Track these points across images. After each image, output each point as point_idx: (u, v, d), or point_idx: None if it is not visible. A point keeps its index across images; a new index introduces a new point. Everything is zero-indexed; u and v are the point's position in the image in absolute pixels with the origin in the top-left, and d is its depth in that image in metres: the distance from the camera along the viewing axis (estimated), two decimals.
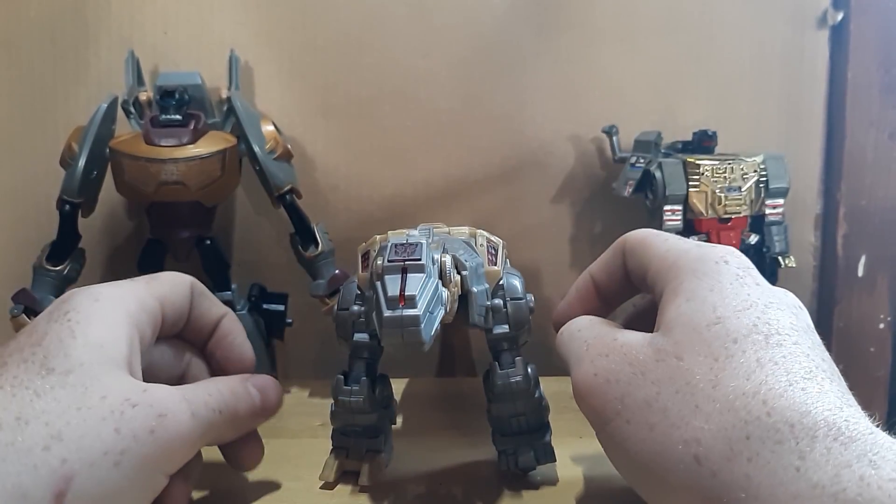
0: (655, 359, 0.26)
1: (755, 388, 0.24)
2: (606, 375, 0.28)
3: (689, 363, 0.25)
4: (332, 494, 0.35)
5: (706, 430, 0.24)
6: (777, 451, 0.22)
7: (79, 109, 0.49)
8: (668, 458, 0.25)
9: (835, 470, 0.21)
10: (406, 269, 0.28)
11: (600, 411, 0.28)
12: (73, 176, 0.43)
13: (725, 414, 0.24)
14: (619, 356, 0.28)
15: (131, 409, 0.26)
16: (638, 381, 0.26)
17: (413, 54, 0.52)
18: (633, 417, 0.26)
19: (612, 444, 0.28)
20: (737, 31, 0.53)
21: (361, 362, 0.35)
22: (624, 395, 0.27)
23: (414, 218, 0.50)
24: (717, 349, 0.25)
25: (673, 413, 0.25)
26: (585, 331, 0.31)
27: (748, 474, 0.23)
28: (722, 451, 0.23)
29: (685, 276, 0.28)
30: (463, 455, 0.38)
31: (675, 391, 0.25)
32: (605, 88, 0.53)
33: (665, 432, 0.25)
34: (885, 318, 0.53)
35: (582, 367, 0.29)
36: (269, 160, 0.45)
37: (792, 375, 0.24)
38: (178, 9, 0.51)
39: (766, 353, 0.25)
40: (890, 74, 0.52)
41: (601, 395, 0.28)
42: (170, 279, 0.33)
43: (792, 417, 0.23)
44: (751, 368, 0.24)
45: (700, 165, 0.46)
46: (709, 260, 0.29)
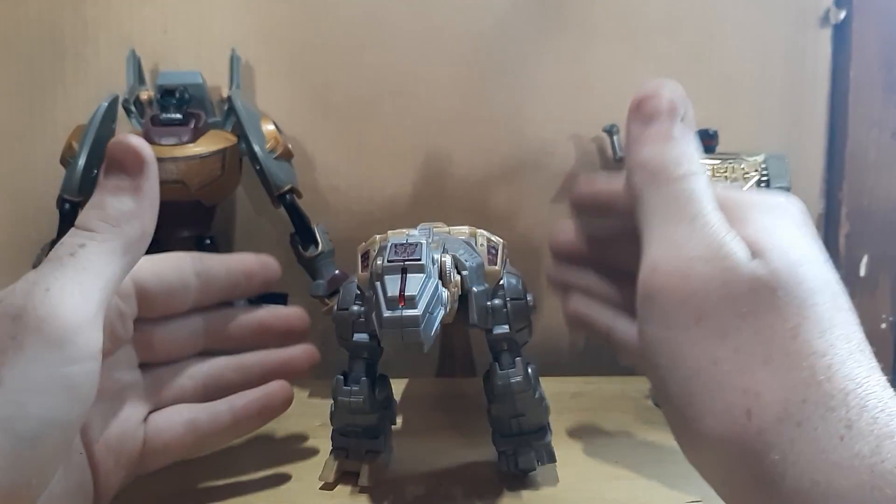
0: (750, 286, 0.23)
1: (825, 349, 0.22)
2: (696, 284, 0.24)
3: (781, 301, 0.23)
4: (331, 495, 0.35)
5: (769, 384, 0.22)
6: (827, 419, 0.22)
7: (79, 108, 0.49)
8: (717, 399, 0.23)
9: (877, 441, 0.21)
10: (406, 269, 0.28)
11: (667, 315, 0.24)
12: (74, 175, 0.43)
13: (792, 371, 0.22)
14: (718, 269, 0.24)
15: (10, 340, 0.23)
16: (724, 306, 0.23)
17: (414, 53, 0.52)
18: (700, 342, 0.23)
19: (658, 353, 0.24)
20: (738, 30, 0.52)
21: (361, 362, 0.35)
22: (703, 314, 0.23)
23: (414, 218, 0.50)
24: (805, 291, 0.23)
25: (744, 355, 0.23)
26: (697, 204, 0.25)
27: (793, 438, 0.22)
28: (776, 410, 0.22)
29: (752, 211, 0.25)
30: (463, 455, 0.38)
31: (755, 332, 0.23)
32: (605, 88, 0.52)
33: (727, 372, 0.23)
34: (888, 318, 0.53)
35: (674, 259, 0.24)
36: (269, 160, 0.45)
37: (851, 344, 0.23)
38: (179, 8, 0.51)
39: (836, 315, 0.23)
40: (892, 73, 0.52)
41: (678, 302, 0.24)
42: (161, 258, 0.33)
43: (848, 386, 0.22)
44: (825, 325, 0.23)
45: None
46: (773, 201, 0.26)
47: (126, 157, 0.27)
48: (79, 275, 0.25)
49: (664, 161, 0.25)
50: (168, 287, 0.33)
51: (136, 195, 0.27)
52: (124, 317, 0.31)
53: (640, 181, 0.26)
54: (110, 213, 0.27)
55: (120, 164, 0.27)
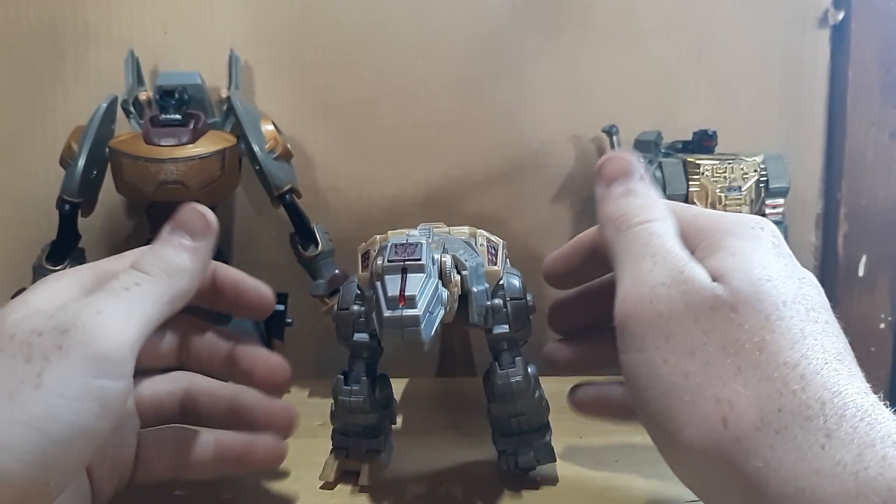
0: (711, 305, 0.25)
1: (796, 359, 0.23)
2: (660, 308, 0.26)
3: (742, 317, 0.24)
4: (332, 494, 0.35)
5: (742, 394, 0.23)
6: (805, 427, 0.22)
7: (79, 109, 0.49)
8: (694, 411, 0.24)
9: (858, 449, 0.21)
10: (406, 269, 0.28)
11: (639, 339, 0.26)
12: (73, 176, 0.43)
13: (764, 382, 0.23)
14: (679, 291, 0.26)
15: (37, 338, 0.26)
16: (689, 325, 0.25)
17: (413, 54, 0.52)
18: (671, 359, 0.25)
19: (637, 375, 0.26)
20: (737, 30, 0.53)
21: (361, 362, 0.35)
22: (671, 334, 0.25)
23: (414, 218, 0.50)
24: (769, 307, 0.24)
25: (714, 368, 0.24)
26: (657, 241, 0.28)
27: (773, 446, 0.22)
28: (752, 418, 0.23)
29: (722, 236, 0.27)
30: (463, 455, 0.38)
31: (722, 346, 0.24)
32: (605, 88, 0.53)
33: (699, 384, 0.24)
34: (886, 318, 0.53)
35: (640, 288, 0.27)
36: (268, 160, 0.45)
37: (827, 354, 0.24)
38: (178, 9, 0.51)
39: (807, 326, 0.24)
40: (890, 74, 0.52)
41: (647, 325, 0.26)
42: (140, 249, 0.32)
43: (824, 396, 0.22)
44: (795, 337, 0.24)
45: (700, 165, 0.46)
46: (745, 224, 0.28)
47: (195, 221, 0.31)
48: (128, 306, 0.27)
49: (627, 211, 0.29)
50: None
51: (194, 256, 0.30)
52: None
53: (609, 231, 0.29)
54: (168, 264, 0.29)
55: (189, 225, 0.30)
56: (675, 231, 0.28)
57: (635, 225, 0.28)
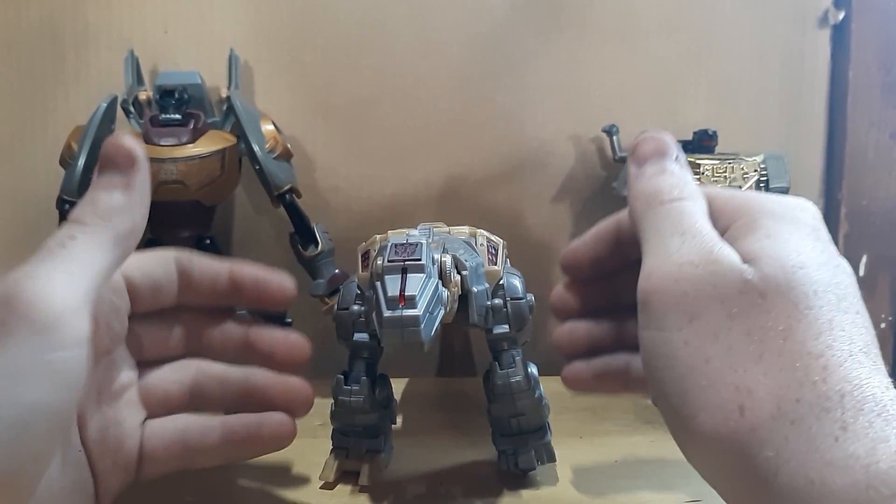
0: (739, 289, 0.24)
1: (821, 350, 0.23)
2: (686, 287, 0.25)
3: (770, 304, 0.24)
4: (332, 494, 0.35)
5: (762, 382, 0.23)
6: (822, 419, 0.22)
7: (79, 109, 0.49)
8: (711, 396, 0.24)
9: (872, 443, 0.21)
10: (406, 269, 0.28)
11: (661, 317, 0.25)
12: (73, 175, 0.43)
13: (785, 371, 0.23)
14: (707, 272, 0.25)
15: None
16: (715, 307, 0.24)
17: (413, 54, 0.52)
18: (693, 341, 0.24)
19: (655, 354, 0.26)
20: (737, 30, 0.53)
21: (361, 362, 0.35)
22: (695, 315, 0.25)
23: (414, 218, 0.50)
24: (798, 296, 0.24)
25: (736, 354, 0.24)
26: (688, 219, 0.27)
27: (787, 436, 0.22)
28: (769, 408, 0.23)
29: (760, 215, 0.26)
30: (463, 455, 0.38)
31: (747, 332, 0.24)
32: (605, 88, 0.53)
33: (719, 370, 0.24)
34: (887, 318, 0.53)
35: (665, 264, 0.26)
36: (268, 160, 0.45)
37: (853, 346, 0.23)
38: (178, 8, 0.51)
39: (837, 316, 0.24)
40: (891, 74, 0.52)
41: (671, 304, 0.25)
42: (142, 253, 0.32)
43: (844, 388, 0.22)
44: (822, 328, 0.23)
45: (700, 165, 0.46)
46: (786, 205, 0.27)
47: (118, 154, 0.28)
48: (67, 264, 0.25)
49: (659, 188, 0.28)
50: (153, 281, 0.32)
51: (127, 191, 0.28)
52: (119, 312, 0.31)
53: (639, 208, 0.28)
54: (101, 208, 0.27)
55: (112, 161, 0.28)
56: (706, 212, 0.27)
57: (667, 202, 0.28)
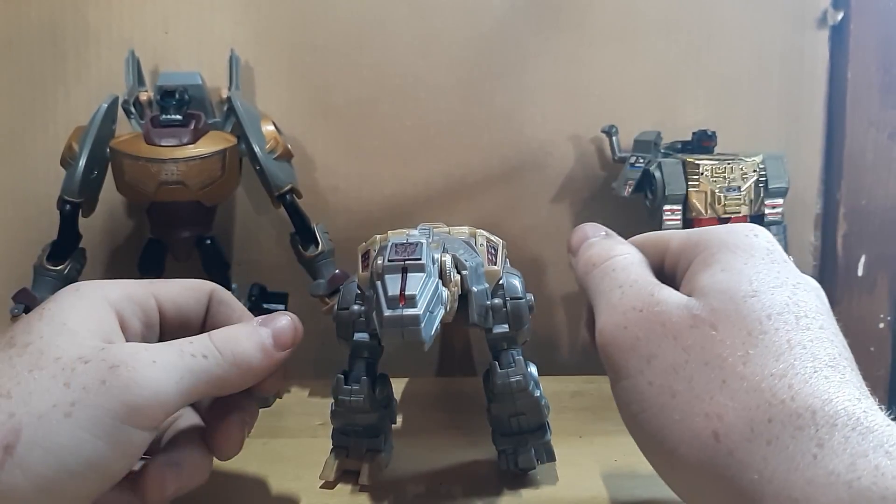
0: (690, 324, 0.26)
1: (783, 370, 0.24)
2: (636, 331, 0.27)
3: (723, 334, 0.25)
4: (332, 494, 0.35)
5: (730, 406, 0.24)
6: (797, 437, 0.22)
7: (79, 109, 0.49)
8: (685, 428, 0.24)
9: (851, 459, 0.21)
10: (406, 268, 0.28)
11: (623, 366, 0.27)
12: (74, 176, 0.43)
13: (751, 393, 0.23)
14: (652, 314, 0.27)
15: (83, 365, 0.26)
16: (668, 344, 0.26)
17: (413, 54, 0.52)
18: (656, 380, 0.26)
19: (627, 401, 0.27)
20: (736, 31, 0.53)
21: (361, 362, 0.35)
22: (651, 355, 0.26)
23: (414, 218, 0.50)
24: (751, 323, 0.25)
25: (699, 384, 0.25)
26: (622, 273, 0.29)
27: (765, 457, 0.22)
28: (742, 430, 0.23)
29: (716, 248, 0.28)
30: (463, 455, 0.39)
31: (705, 362, 0.25)
32: (605, 88, 0.53)
33: (687, 402, 0.25)
34: (885, 318, 0.53)
35: (612, 316, 0.28)
36: (269, 160, 0.45)
37: (817, 361, 0.24)
38: (179, 9, 0.51)
39: (795, 335, 0.24)
40: (890, 74, 0.52)
41: (627, 350, 0.27)
42: (183, 283, 0.33)
43: (814, 404, 0.23)
44: (781, 349, 0.24)
45: (699, 165, 0.46)
46: (739, 233, 0.28)
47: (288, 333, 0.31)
48: (183, 373, 0.27)
49: (591, 255, 0.31)
50: (182, 317, 0.33)
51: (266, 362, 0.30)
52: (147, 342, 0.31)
53: (582, 279, 0.31)
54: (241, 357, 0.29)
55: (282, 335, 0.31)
56: (641, 261, 0.30)
57: (600, 263, 0.30)
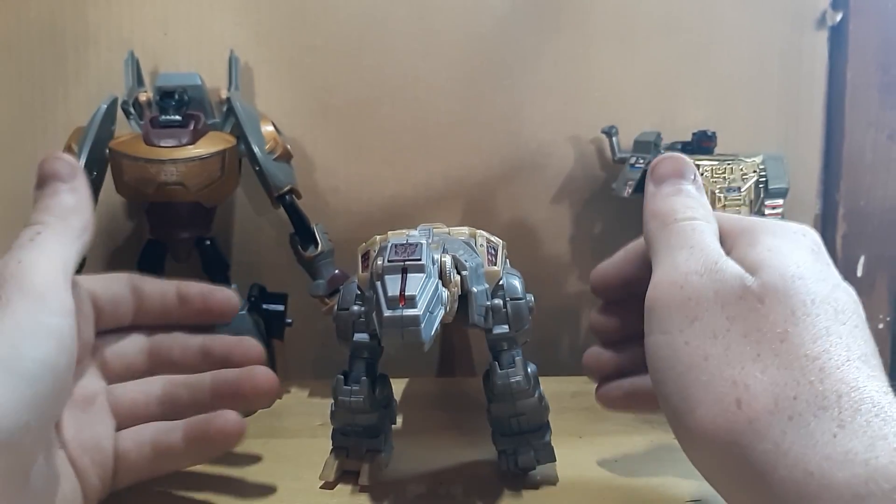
0: (739, 295, 0.26)
1: (817, 353, 0.24)
2: (690, 293, 0.27)
3: (768, 308, 0.25)
4: (332, 494, 0.35)
5: (759, 378, 0.24)
6: (819, 416, 0.23)
7: (78, 110, 0.49)
8: (710, 391, 0.25)
9: (871, 441, 0.21)
10: (406, 269, 0.28)
11: (665, 321, 0.27)
12: None
13: (782, 370, 0.24)
14: (711, 280, 0.27)
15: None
16: (715, 310, 0.26)
17: (413, 55, 0.52)
18: (693, 341, 0.26)
19: (660, 356, 0.27)
20: (736, 31, 0.53)
21: (361, 362, 0.35)
22: (696, 317, 0.26)
23: (414, 218, 0.50)
24: (796, 303, 0.25)
25: (734, 352, 0.25)
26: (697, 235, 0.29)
27: (784, 430, 0.23)
28: (766, 403, 0.24)
29: (763, 235, 0.28)
30: (463, 455, 0.39)
31: (744, 334, 0.25)
32: (605, 89, 0.53)
33: (718, 366, 0.25)
34: (885, 318, 0.53)
35: (672, 275, 0.28)
36: (268, 161, 0.45)
37: (851, 353, 0.24)
38: (178, 9, 0.51)
39: (834, 326, 0.25)
40: (889, 75, 0.52)
41: (675, 309, 0.27)
42: (101, 276, 0.35)
43: (841, 389, 0.23)
44: (818, 334, 0.25)
45: (699, 166, 0.46)
46: (788, 228, 0.29)
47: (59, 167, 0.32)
48: (41, 251, 0.29)
49: (672, 207, 0.30)
50: (113, 296, 0.35)
51: (73, 194, 0.32)
52: (87, 319, 0.33)
53: (653, 226, 0.30)
54: (56, 210, 0.31)
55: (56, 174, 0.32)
56: (716, 233, 0.29)
57: (680, 220, 0.29)
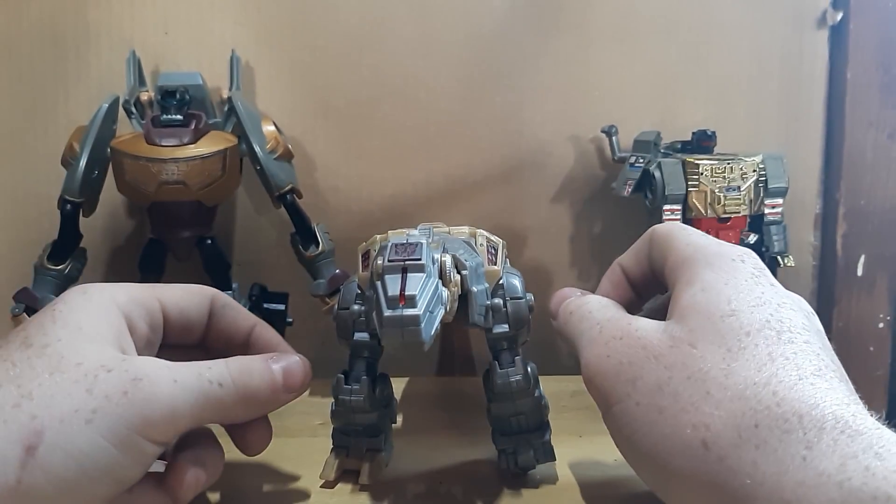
0: (669, 345, 0.27)
1: (766, 379, 0.24)
2: (619, 357, 0.28)
3: (703, 351, 0.26)
4: (332, 493, 0.35)
5: (716, 415, 0.24)
6: (785, 441, 0.23)
7: (80, 109, 0.49)
8: (675, 441, 0.25)
9: (841, 460, 0.21)
10: (406, 268, 0.28)
11: (610, 392, 0.28)
12: (75, 176, 0.43)
13: (736, 402, 0.24)
14: (632, 339, 0.28)
15: (105, 374, 0.26)
16: (651, 364, 0.27)
17: (413, 54, 0.52)
18: (643, 400, 0.27)
19: (619, 425, 0.28)
20: (736, 31, 0.53)
21: (362, 361, 0.35)
22: (636, 377, 0.27)
23: (414, 218, 0.50)
24: (730, 340, 0.26)
25: (684, 397, 0.25)
26: (598, 312, 0.31)
27: (755, 461, 0.23)
28: (730, 437, 0.24)
29: (700, 268, 0.29)
30: (463, 454, 0.39)
31: (687, 377, 0.26)
32: (605, 88, 0.53)
33: (674, 415, 0.25)
34: (885, 318, 0.53)
35: (594, 349, 0.29)
36: (269, 160, 0.45)
37: (802, 371, 0.24)
38: (179, 9, 0.51)
39: (777, 349, 0.25)
40: (889, 74, 0.52)
41: (613, 377, 0.28)
42: (184, 287, 0.34)
43: (801, 409, 0.23)
44: (762, 361, 0.25)
45: (699, 165, 0.46)
46: (726, 256, 0.29)
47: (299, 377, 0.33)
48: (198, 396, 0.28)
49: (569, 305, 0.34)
50: (185, 321, 0.33)
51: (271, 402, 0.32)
52: (151, 347, 0.32)
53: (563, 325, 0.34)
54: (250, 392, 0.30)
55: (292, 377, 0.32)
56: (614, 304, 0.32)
57: (576, 310, 0.33)
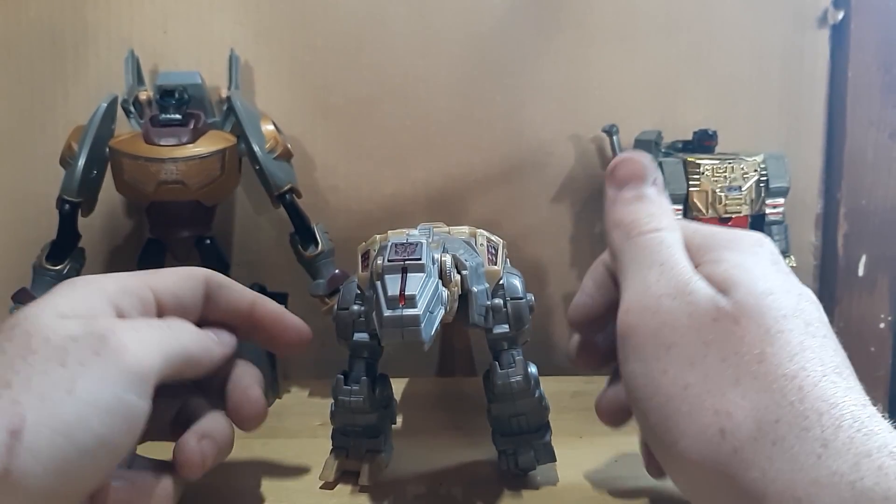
0: (713, 317, 0.25)
1: (795, 371, 0.24)
2: (664, 318, 0.26)
3: (743, 330, 0.25)
4: (332, 494, 0.35)
5: (740, 405, 0.24)
6: (802, 438, 0.22)
7: (78, 109, 0.49)
8: (692, 421, 0.24)
9: (855, 459, 0.21)
10: (406, 268, 0.28)
11: (641, 348, 0.26)
12: (73, 175, 0.43)
13: (762, 394, 0.24)
14: (684, 303, 0.26)
15: (73, 343, 0.26)
16: (691, 336, 0.25)
17: (413, 54, 0.52)
18: (671, 370, 0.25)
19: (637, 384, 0.26)
20: (737, 30, 0.53)
21: (361, 362, 0.35)
22: (672, 345, 0.26)
23: (414, 218, 0.50)
24: (770, 319, 0.25)
25: (713, 379, 0.25)
26: (665, 251, 0.27)
27: (770, 456, 0.23)
28: (749, 429, 0.23)
29: (723, 251, 0.27)
30: (463, 455, 0.38)
31: (722, 358, 0.25)
32: (605, 88, 0.53)
33: (698, 395, 0.25)
34: (886, 318, 0.53)
35: (644, 299, 0.27)
36: (268, 160, 0.45)
37: (825, 367, 0.24)
38: (178, 8, 0.51)
39: (806, 339, 0.25)
40: (890, 74, 0.52)
41: (650, 335, 0.26)
42: (176, 271, 0.33)
43: (821, 407, 0.23)
44: (794, 350, 0.24)
45: (700, 165, 0.46)
46: (745, 240, 0.28)
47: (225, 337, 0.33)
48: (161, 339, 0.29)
49: (636, 217, 0.29)
50: (179, 303, 0.33)
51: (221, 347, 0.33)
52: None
53: (617, 237, 0.29)
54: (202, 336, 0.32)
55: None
56: (682, 243, 0.28)
57: (645, 233, 0.28)
